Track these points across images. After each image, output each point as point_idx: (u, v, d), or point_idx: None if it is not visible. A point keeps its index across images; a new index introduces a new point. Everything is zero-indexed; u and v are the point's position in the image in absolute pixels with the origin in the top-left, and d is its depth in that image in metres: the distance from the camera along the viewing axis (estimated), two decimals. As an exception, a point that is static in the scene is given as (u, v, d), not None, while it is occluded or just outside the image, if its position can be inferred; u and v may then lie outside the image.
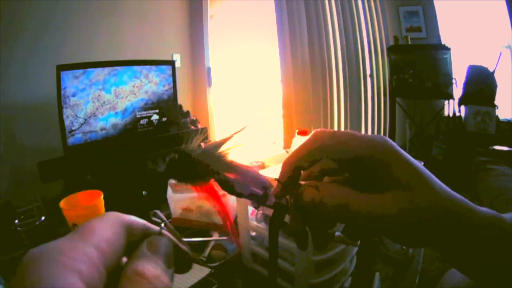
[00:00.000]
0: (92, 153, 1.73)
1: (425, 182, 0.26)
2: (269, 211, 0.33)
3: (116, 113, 1.88)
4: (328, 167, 0.30)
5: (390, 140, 0.28)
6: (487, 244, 0.26)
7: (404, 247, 0.65)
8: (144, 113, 2.00)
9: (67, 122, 1.65)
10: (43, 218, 0.69)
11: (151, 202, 1.33)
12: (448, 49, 2.78)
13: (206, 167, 0.26)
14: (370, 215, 0.26)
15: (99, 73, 1.78)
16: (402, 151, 0.27)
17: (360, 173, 0.28)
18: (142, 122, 2.00)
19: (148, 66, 2.00)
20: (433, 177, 0.27)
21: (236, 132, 0.27)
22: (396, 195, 0.26)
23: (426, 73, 2.80)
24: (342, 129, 2.73)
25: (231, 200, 0.91)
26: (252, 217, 0.79)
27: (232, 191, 0.27)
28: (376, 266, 0.82)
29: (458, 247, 0.26)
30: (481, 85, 2.63)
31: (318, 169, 0.31)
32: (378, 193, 0.27)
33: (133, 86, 1.94)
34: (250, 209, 0.79)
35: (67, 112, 1.65)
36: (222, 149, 0.27)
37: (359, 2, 2.70)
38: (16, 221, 0.66)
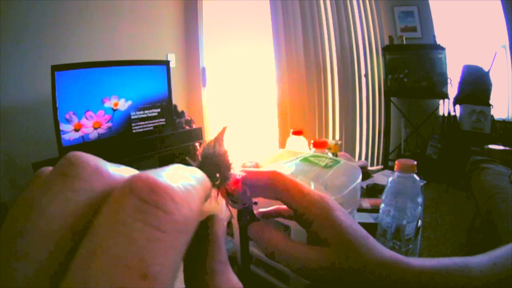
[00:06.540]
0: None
1: (344, 240, 0.27)
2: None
3: (111, 113, 1.87)
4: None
5: (327, 200, 0.29)
6: None
7: (396, 247, 0.65)
8: (139, 113, 1.99)
9: (62, 123, 1.64)
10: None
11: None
12: (443, 48, 2.79)
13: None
14: (292, 266, 0.28)
15: (94, 74, 1.77)
16: (336, 211, 0.28)
17: (303, 225, 0.30)
18: (137, 122, 1.99)
19: (142, 66, 2.00)
20: (360, 235, 0.28)
21: (220, 134, 0.24)
22: (320, 251, 0.27)
23: (421, 73, 2.81)
24: (337, 130, 2.74)
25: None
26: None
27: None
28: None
29: None
30: (476, 84, 2.64)
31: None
32: (311, 247, 0.28)
33: (128, 87, 1.93)
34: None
35: (62, 112, 1.64)
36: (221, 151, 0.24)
37: (354, 2, 2.70)
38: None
